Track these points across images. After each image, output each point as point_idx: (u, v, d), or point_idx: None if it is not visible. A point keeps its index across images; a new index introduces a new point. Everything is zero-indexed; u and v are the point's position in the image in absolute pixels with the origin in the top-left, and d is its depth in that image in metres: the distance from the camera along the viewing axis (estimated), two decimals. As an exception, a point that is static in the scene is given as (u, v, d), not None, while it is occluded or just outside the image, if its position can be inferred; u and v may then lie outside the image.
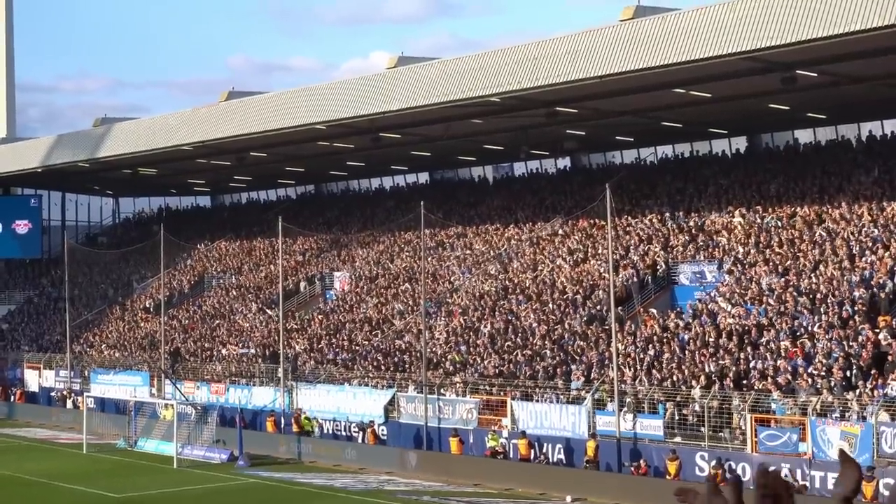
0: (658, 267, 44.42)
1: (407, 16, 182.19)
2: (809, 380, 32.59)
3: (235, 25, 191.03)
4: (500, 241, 53.98)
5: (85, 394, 52.24)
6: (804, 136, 51.07)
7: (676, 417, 34.79)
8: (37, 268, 79.50)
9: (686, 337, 38.07)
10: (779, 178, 47.06)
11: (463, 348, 44.47)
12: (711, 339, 37.00)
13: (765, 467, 3.31)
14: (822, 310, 35.88)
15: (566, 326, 42.74)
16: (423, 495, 35.23)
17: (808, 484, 30.37)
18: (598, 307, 42.80)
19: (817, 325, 35.11)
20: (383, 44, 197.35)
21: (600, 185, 42.30)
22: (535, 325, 43.71)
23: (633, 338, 39.83)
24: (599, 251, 47.04)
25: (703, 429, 33.87)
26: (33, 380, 61.92)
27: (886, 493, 28.17)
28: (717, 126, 50.80)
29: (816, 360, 33.23)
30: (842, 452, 4.04)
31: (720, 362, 35.44)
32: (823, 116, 47.79)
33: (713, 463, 32.33)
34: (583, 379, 38.11)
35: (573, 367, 39.34)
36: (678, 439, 34.46)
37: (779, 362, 34.02)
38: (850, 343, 33.41)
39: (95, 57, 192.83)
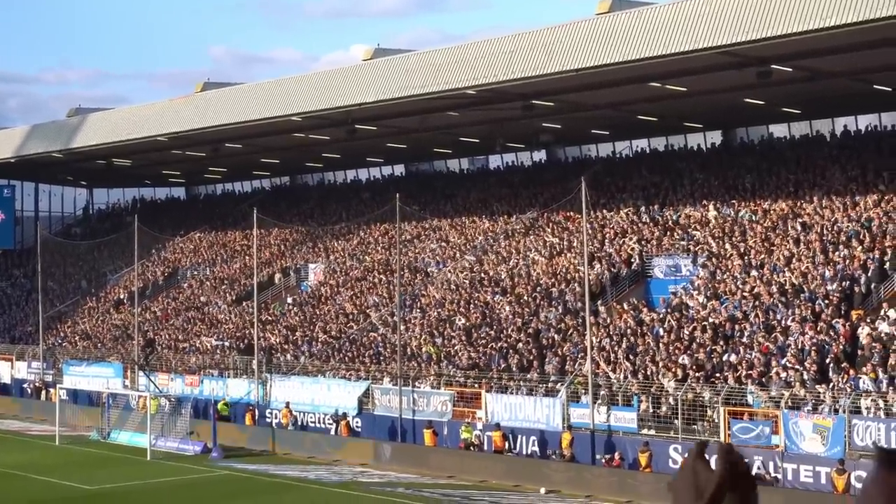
0: (633, 260, 44.52)
1: (390, 10, 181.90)
2: (783, 373, 32.76)
3: (219, 17, 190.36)
4: (476, 234, 53.98)
5: (58, 385, 51.92)
6: (779, 130, 51.30)
7: (651, 410, 34.91)
8: (9, 259, 79.02)
9: (660, 330, 38.19)
10: (753, 173, 47.25)
11: (438, 341, 44.47)
12: (686, 333, 37.13)
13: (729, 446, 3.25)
14: (795, 303, 36.07)
15: (541, 319, 42.80)
16: (397, 487, 35.22)
17: (779, 476, 30.56)
18: (573, 300, 42.87)
19: (791, 318, 35.28)
20: (365, 37, 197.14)
21: (576, 178, 42.37)
22: (509, 317, 43.76)
23: (608, 331, 39.94)
24: (574, 244, 47.11)
25: (676, 421, 34.00)
26: (5, 371, 61.55)
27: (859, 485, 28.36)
28: (693, 120, 50.93)
29: (789, 354, 33.41)
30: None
31: (694, 355, 35.57)
32: (798, 111, 48.00)
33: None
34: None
35: (547, 359, 39.42)
36: (652, 431, 34.57)
37: (752, 355, 34.18)
38: (824, 336, 33.59)
39: (78, 48, 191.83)
